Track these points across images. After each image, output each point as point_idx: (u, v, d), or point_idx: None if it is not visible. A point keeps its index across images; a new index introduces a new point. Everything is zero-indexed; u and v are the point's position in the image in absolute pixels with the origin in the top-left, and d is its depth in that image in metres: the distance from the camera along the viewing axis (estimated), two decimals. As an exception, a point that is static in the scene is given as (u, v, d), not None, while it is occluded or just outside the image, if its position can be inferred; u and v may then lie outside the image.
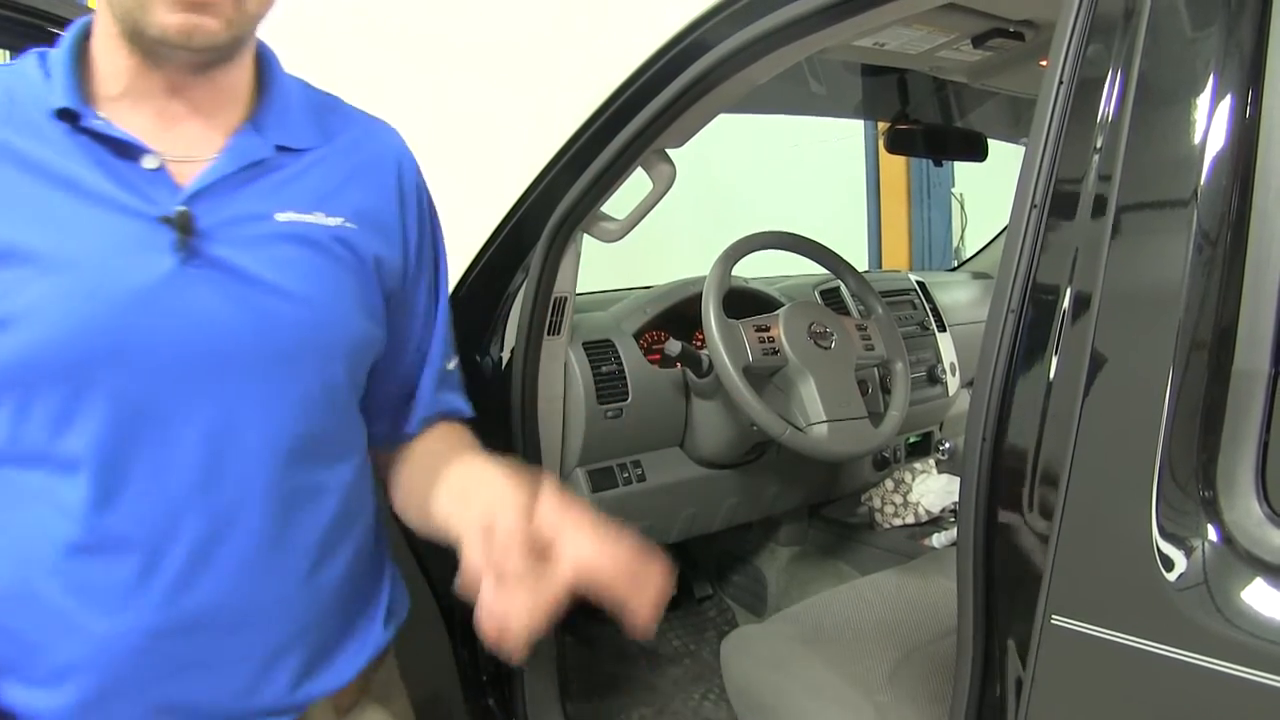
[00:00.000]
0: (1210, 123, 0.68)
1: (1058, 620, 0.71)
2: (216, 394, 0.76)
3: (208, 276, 0.75)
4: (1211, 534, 0.65)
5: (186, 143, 0.78)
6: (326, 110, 0.88)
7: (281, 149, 0.81)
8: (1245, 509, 0.65)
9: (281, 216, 0.79)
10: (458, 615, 1.52)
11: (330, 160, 0.84)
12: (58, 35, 1.01)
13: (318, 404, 0.82)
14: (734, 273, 1.54)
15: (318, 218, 0.81)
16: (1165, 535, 0.66)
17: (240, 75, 0.81)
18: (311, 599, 0.84)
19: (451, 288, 1.53)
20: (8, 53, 1.07)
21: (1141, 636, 0.67)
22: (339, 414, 0.85)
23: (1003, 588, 0.80)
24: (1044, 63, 0.81)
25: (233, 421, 0.77)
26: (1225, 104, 0.68)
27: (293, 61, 0.88)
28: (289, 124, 0.83)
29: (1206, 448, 0.66)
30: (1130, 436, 0.69)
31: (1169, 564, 0.66)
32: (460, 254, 1.55)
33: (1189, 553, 0.66)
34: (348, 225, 0.83)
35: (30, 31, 1.01)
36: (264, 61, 0.85)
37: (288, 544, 0.81)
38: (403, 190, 0.89)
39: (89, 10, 1.12)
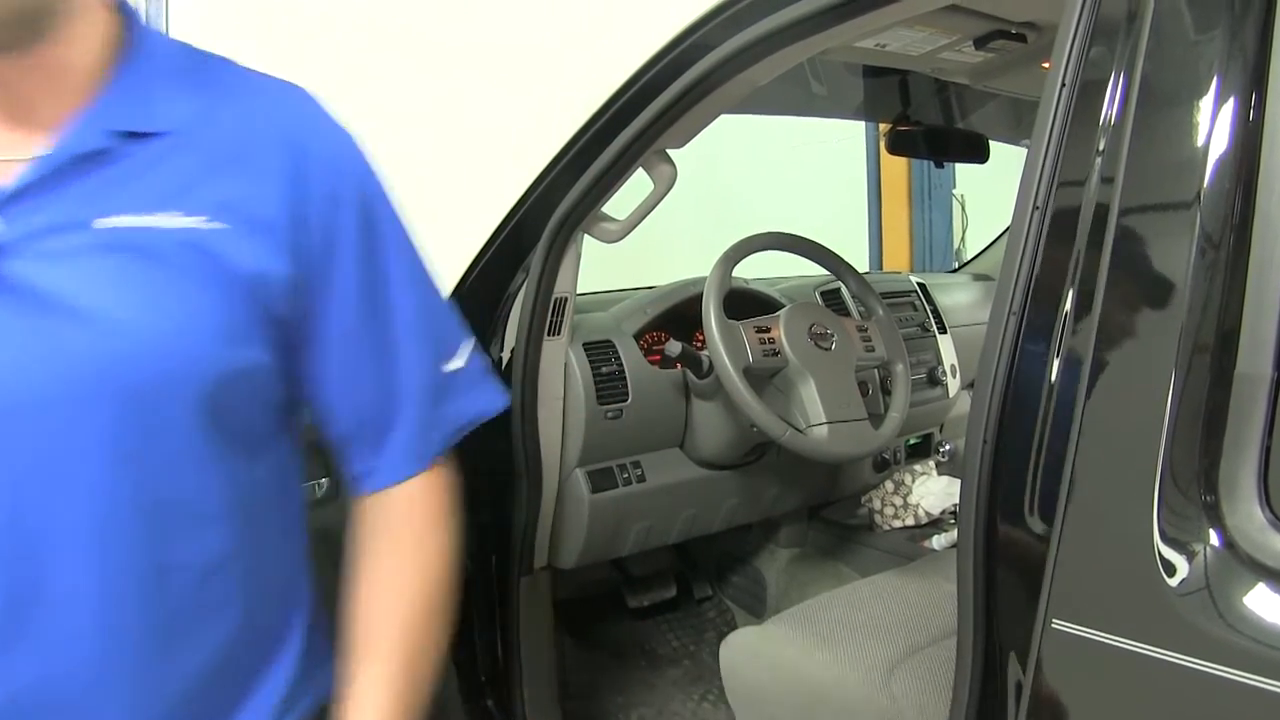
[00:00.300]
0: (1213, 125, 0.68)
1: (1058, 624, 0.71)
2: (9, 449, 0.62)
3: (2, 303, 0.61)
4: (1213, 538, 0.65)
5: (4, 141, 0.64)
6: (211, 79, 0.71)
7: (129, 135, 0.65)
8: (1247, 513, 0.64)
9: (104, 222, 0.63)
10: (456, 616, 1.52)
11: (200, 142, 0.67)
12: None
13: (155, 459, 0.65)
14: (734, 273, 1.54)
15: (163, 219, 0.64)
16: (1167, 539, 0.66)
17: (71, 51, 0.66)
18: (152, 694, 0.68)
19: (452, 287, 1.55)
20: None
21: (1142, 641, 0.66)
22: (194, 471, 0.67)
23: (1003, 591, 0.80)
24: (1046, 65, 0.81)
25: (35, 482, 0.63)
26: (1228, 107, 0.67)
27: (295, 63, 0.86)
28: (145, 103, 0.67)
29: (1208, 452, 0.66)
30: (1132, 440, 0.69)
31: (1170, 568, 0.66)
32: (461, 254, 1.55)
33: (1190, 557, 0.65)
34: (210, 225, 0.65)
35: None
36: (127, 27, 0.70)
37: (114, 631, 0.65)
38: (302, 173, 0.70)
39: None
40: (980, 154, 2.12)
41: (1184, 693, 0.65)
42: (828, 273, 1.72)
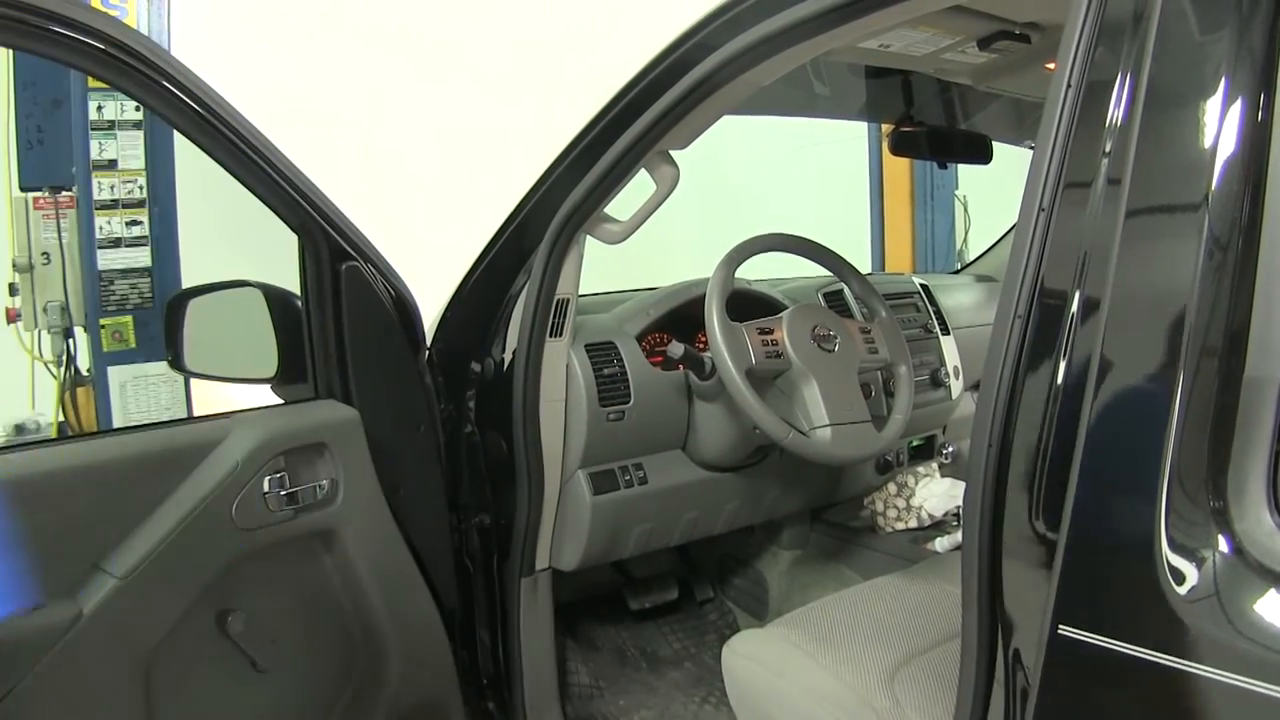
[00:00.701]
0: (1221, 127, 0.67)
1: (1064, 630, 0.71)
2: None
3: None
4: (1222, 544, 0.65)
5: None
6: None
7: None
8: (1256, 519, 0.64)
9: None
10: (458, 618, 1.52)
11: None
12: (61, 35, 1.01)
13: None
14: (737, 275, 1.54)
15: None
16: (1174, 545, 0.65)
17: None
18: None
19: (455, 288, 1.54)
20: (9, 52, 1.05)
21: (1150, 648, 0.66)
22: None
23: (1008, 596, 0.79)
24: (1051, 66, 0.80)
25: None
26: (1236, 108, 0.67)
27: (297, 64, 0.86)
28: None
29: (1216, 456, 0.66)
30: (1139, 444, 0.68)
31: (1178, 575, 0.65)
32: (463, 255, 1.54)
33: (1199, 563, 0.65)
34: None
35: (33, 31, 1.00)
36: None
37: None
38: None
39: (94, 10, 1.12)
40: (983, 155, 2.12)
41: (1193, 700, 0.64)
42: (830, 274, 1.71)
